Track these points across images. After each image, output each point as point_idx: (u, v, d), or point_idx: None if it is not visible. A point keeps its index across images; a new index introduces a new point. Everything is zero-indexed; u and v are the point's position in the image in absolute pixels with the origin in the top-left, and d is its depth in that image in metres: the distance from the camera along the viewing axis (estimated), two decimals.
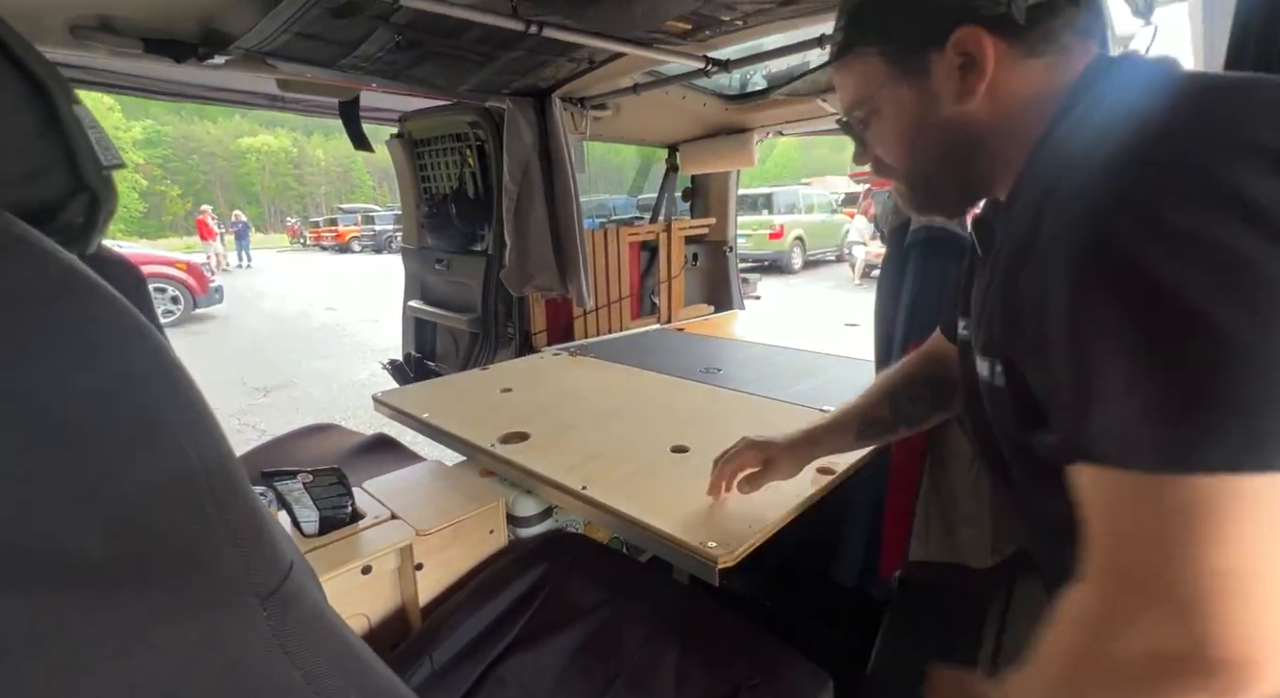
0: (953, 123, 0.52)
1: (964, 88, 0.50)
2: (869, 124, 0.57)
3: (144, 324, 0.24)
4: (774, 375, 1.60)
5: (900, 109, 0.54)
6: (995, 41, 0.48)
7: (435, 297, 2.60)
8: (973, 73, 0.49)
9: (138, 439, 0.23)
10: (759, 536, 0.83)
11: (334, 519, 0.95)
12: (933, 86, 0.51)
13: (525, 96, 1.70)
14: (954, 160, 0.54)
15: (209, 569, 0.24)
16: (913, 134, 0.54)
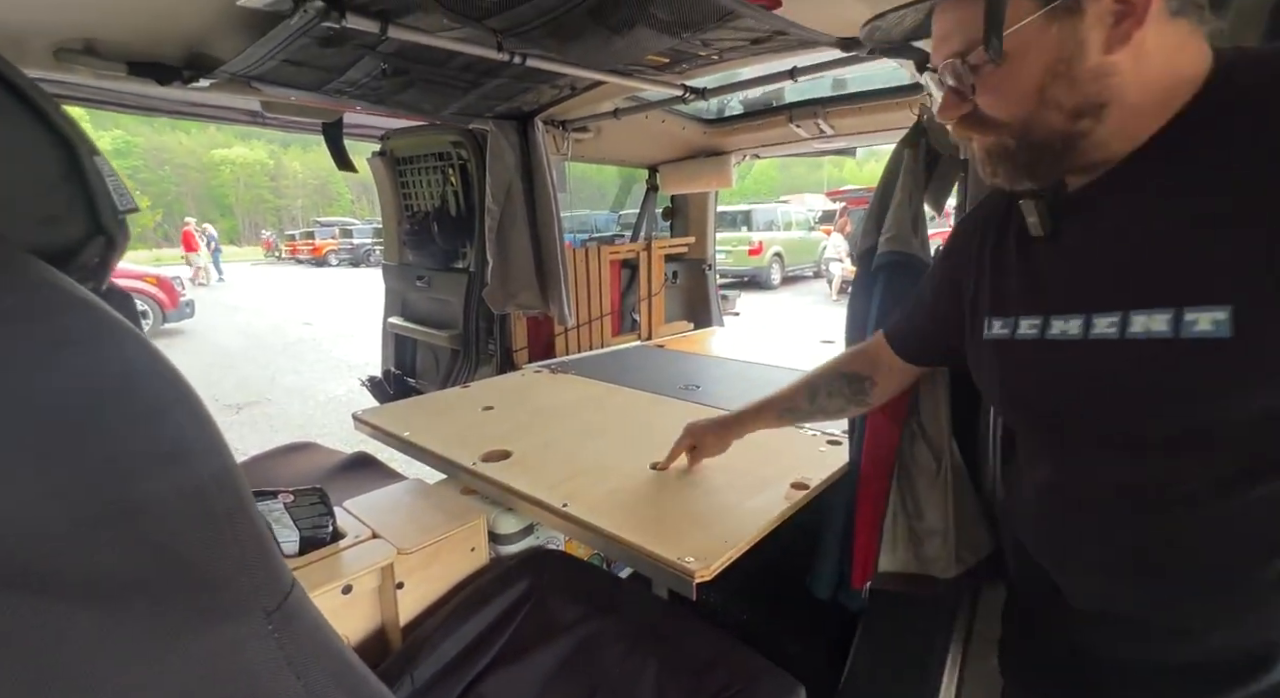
0: (1095, 73, 0.47)
1: (1115, 34, 0.46)
2: (983, 69, 0.51)
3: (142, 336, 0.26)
4: (751, 392, 1.64)
5: (1042, 52, 0.48)
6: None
7: (416, 313, 2.60)
8: (1128, 19, 0.45)
9: (150, 452, 0.24)
10: (734, 550, 0.86)
11: (314, 539, 0.95)
12: (1083, 30, 0.46)
13: (508, 119, 1.74)
14: (1084, 116, 0.49)
15: (222, 585, 0.26)
16: (1048, 82, 0.49)
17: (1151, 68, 0.47)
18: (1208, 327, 0.44)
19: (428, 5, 0.88)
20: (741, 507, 0.99)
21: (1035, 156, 0.53)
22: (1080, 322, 0.53)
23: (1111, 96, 0.48)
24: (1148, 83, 0.47)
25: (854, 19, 1.12)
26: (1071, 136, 0.50)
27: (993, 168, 0.56)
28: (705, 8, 0.93)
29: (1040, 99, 0.50)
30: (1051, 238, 0.56)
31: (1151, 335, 0.47)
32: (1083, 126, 0.50)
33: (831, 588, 1.18)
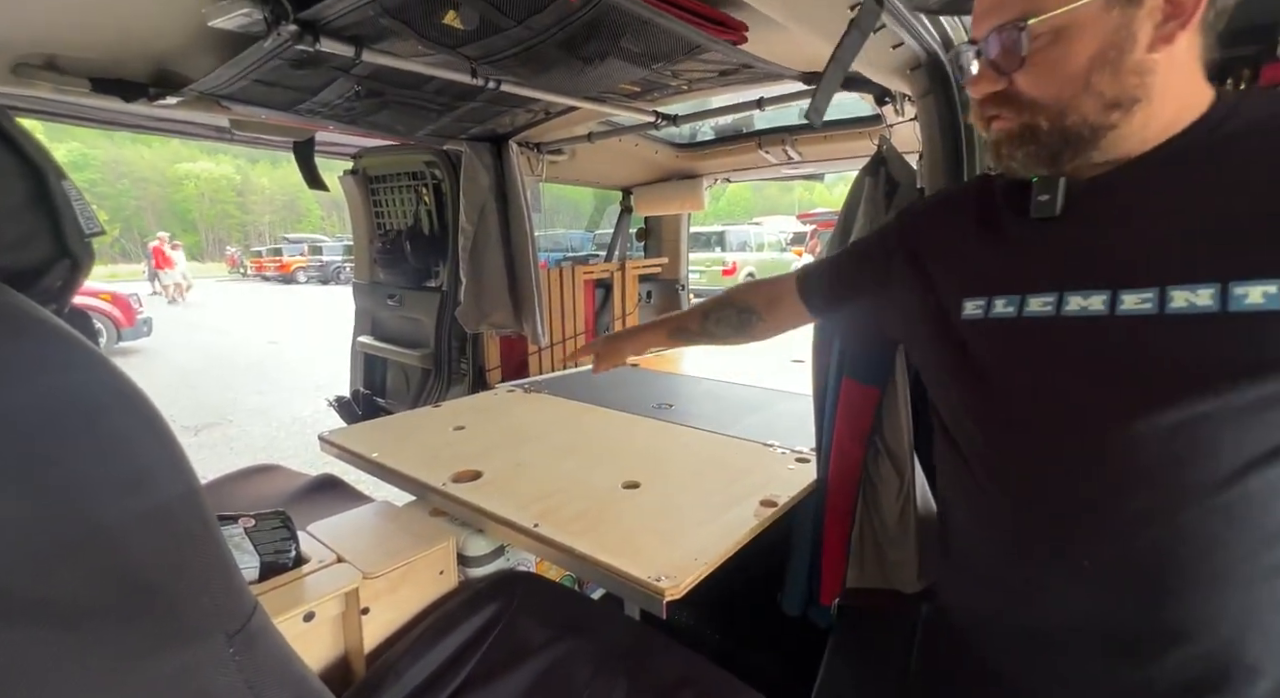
0: (1137, 68, 0.49)
1: (1161, 34, 0.48)
2: (1032, 45, 0.51)
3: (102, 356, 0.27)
4: (723, 411, 1.67)
5: (1097, 35, 0.49)
6: None
7: (386, 332, 2.57)
8: (1174, 20, 0.48)
9: (115, 477, 0.24)
10: (705, 567, 0.87)
11: (276, 565, 0.93)
12: (1136, 22, 0.49)
13: (483, 141, 1.76)
14: (1115, 108, 0.51)
15: (183, 608, 0.26)
16: (1097, 68, 0.50)
17: (1178, 75, 0.50)
18: (1259, 300, 0.45)
19: (402, 32, 0.90)
20: (712, 525, 1.00)
21: (1063, 142, 0.53)
22: (1105, 297, 0.52)
23: (1144, 94, 0.50)
24: (1172, 89, 0.50)
25: (814, 56, 1.18)
26: (1100, 128, 0.52)
27: (1011, 150, 0.56)
28: (674, 41, 0.97)
29: (1085, 83, 0.51)
30: (1061, 218, 0.56)
31: (1197, 310, 0.47)
32: (1113, 119, 0.51)
33: (802, 605, 1.19)
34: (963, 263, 0.65)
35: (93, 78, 1.13)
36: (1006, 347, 0.59)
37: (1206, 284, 0.47)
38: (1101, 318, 0.52)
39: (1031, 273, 0.58)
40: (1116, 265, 0.52)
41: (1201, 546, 0.50)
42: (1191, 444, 0.49)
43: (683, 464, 1.28)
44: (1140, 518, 0.52)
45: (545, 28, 0.90)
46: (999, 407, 0.61)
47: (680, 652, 0.94)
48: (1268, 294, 0.45)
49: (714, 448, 1.37)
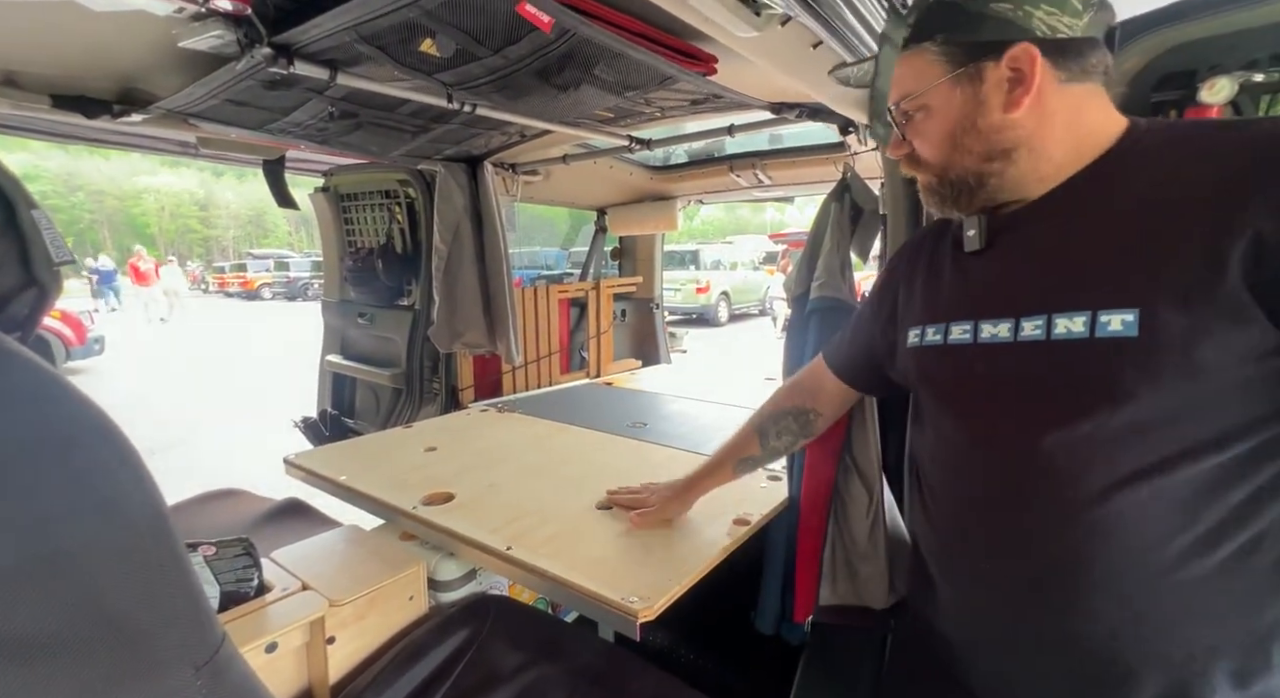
0: (998, 127, 0.57)
1: (1010, 99, 0.56)
2: (913, 118, 0.62)
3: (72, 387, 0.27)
4: (697, 430, 1.68)
5: (951, 108, 0.59)
6: (1044, 63, 0.55)
7: (356, 351, 2.52)
8: (1019, 87, 0.55)
9: (85, 505, 0.24)
10: (679, 587, 0.87)
11: (237, 595, 0.90)
12: (983, 92, 0.57)
13: (458, 162, 1.77)
14: (994, 160, 0.59)
15: (150, 639, 0.26)
16: (959, 132, 0.60)
17: (1056, 123, 0.57)
18: (1118, 327, 0.51)
19: (378, 58, 0.91)
20: (685, 544, 1.00)
21: (955, 191, 0.63)
22: (1010, 325, 0.58)
23: (1017, 144, 0.58)
24: (1054, 134, 0.57)
25: (782, 87, 1.23)
26: (983, 175, 0.60)
27: (927, 198, 0.67)
28: (647, 72, 1.00)
29: (954, 145, 0.60)
30: (984, 252, 0.63)
31: (1072, 336, 0.53)
32: (994, 168, 0.59)
33: (775, 624, 1.20)
34: (912, 296, 0.73)
35: (54, 94, 1.10)
36: (935, 370, 0.67)
37: (1081, 312, 0.53)
38: (1008, 344, 0.58)
39: (957, 303, 0.65)
40: (1022, 294, 0.58)
41: (1083, 560, 0.55)
42: (1070, 463, 0.54)
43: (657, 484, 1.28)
44: (1035, 532, 0.58)
45: (521, 57, 0.92)
46: (932, 425, 0.69)
47: (654, 674, 0.94)
48: (1125, 322, 0.50)
49: (687, 467, 1.37)
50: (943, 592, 0.70)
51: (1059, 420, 0.55)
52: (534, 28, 0.78)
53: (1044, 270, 0.57)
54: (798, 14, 0.75)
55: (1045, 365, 0.55)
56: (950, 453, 0.67)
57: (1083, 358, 0.53)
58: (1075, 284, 0.54)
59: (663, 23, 0.91)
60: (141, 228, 33.49)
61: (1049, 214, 0.59)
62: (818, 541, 1.17)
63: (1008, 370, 0.58)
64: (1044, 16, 0.54)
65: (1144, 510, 0.52)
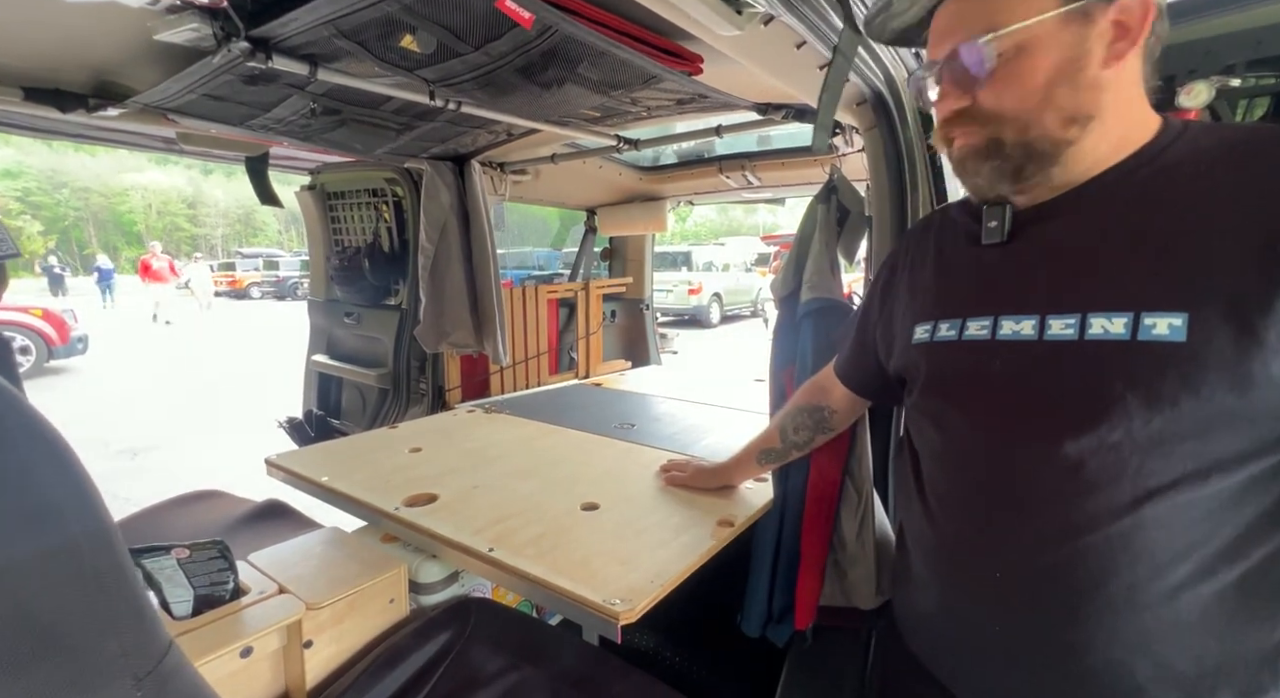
0: (1093, 83, 0.51)
1: (1113, 51, 0.51)
2: (996, 60, 0.53)
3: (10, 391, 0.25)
4: (684, 431, 1.68)
5: (1056, 50, 0.52)
6: (1155, 20, 0.50)
7: (342, 351, 2.50)
8: (1123, 39, 0.51)
9: (12, 512, 0.23)
10: (661, 590, 0.87)
11: (211, 598, 0.88)
12: (1090, 39, 0.51)
13: (444, 160, 1.76)
14: (1075, 124, 0.52)
15: (85, 652, 0.25)
16: (1056, 81, 0.52)
17: (1125, 95, 0.53)
18: (1164, 331, 0.47)
19: (358, 53, 0.90)
20: (670, 546, 1.00)
21: (1026, 156, 0.55)
22: (1034, 322, 0.54)
23: (1099, 110, 0.52)
24: (1121, 108, 0.53)
25: (768, 88, 1.23)
26: (1060, 142, 0.54)
27: (976, 165, 0.58)
28: (631, 71, 0.99)
29: (1046, 96, 0.53)
30: (1004, 245, 0.58)
31: (1110, 337, 0.49)
32: (1071, 134, 0.53)
33: (760, 626, 1.19)
34: (917, 291, 0.68)
35: (25, 87, 1.08)
36: (947, 367, 0.62)
37: (1122, 313, 0.49)
38: (1031, 342, 0.54)
39: (974, 298, 0.60)
40: (1049, 291, 0.54)
41: (1098, 570, 0.52)
42: (1098, 471, 0.51)
43: (642, 485, 1.28)
44: (1045, 539, 0.54)
45: (502, 54, 0.91)
46: (936, 424, 0.65)
47: (638, 677, 0.93)
48: (1172, 326, 0.47)
49: None
50: (936, 593, 0.67)
51: (1085, 426, 0.51)
52: (515, 24, 0.77)
53: (1077, 266, 0.53)
54: (780, 13, 0.75)
55: (1075, 366, 0.51)
56: (958, 452, 0.62)
57: (1120, 361, 0.49)
58: (1116, 283, 0.50)
59: (647, 21, 0.90)
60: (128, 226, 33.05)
61: (1083, 207, 0.54)
62: (825, 543, 1.14)
63: (1029, 370, 0.54)
64: None
65: (1168, 523, 0.49)
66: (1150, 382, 0.48)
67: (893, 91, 1.10)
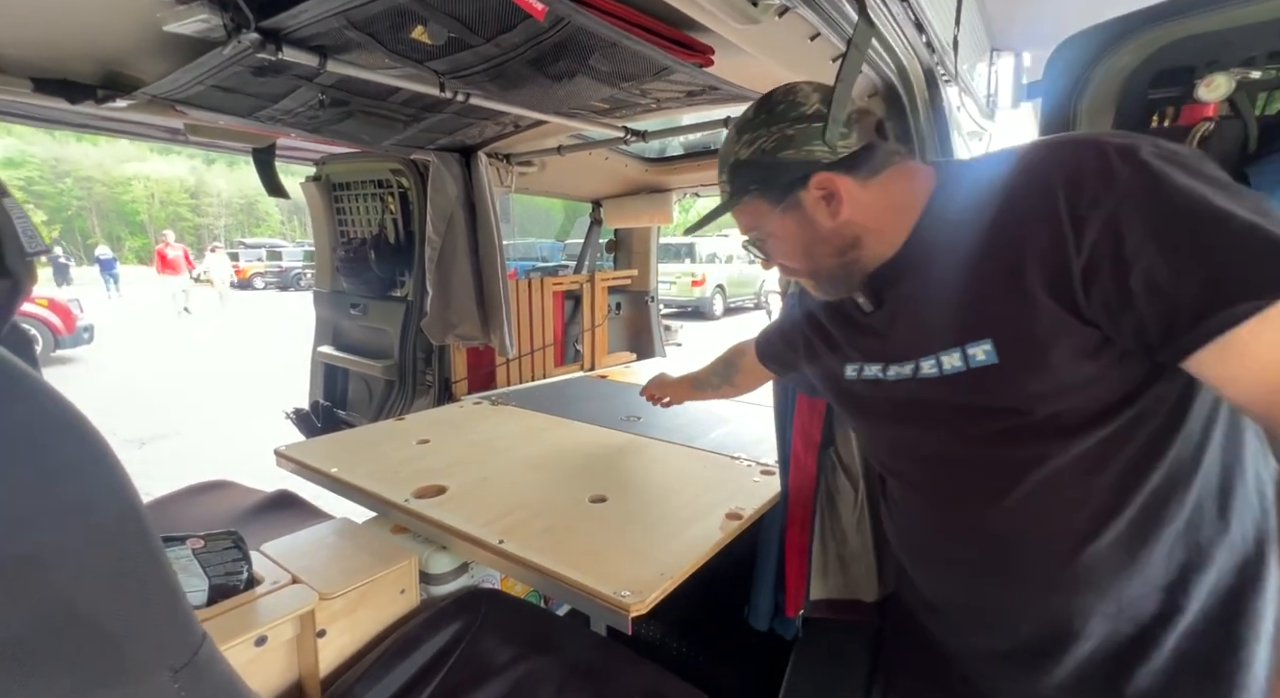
0: (836, 232, 0.68)
1: (831, 211, 0.67)
2: (768, 244, 0.74)
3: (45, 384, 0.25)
4: (691, 424, 1.68)
5: (790, 232, 0.71)
6: (842, 177, 0.66)
7: (348, 342, 2.50)
8: (834, 200, 0.66)
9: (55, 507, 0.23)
10: (671, 582, 0.87)
11: (226, 587, 0.89)
12: (808, 214, 0.68)
13: (451, 151, 1.75)
14: (845, 253, 0.70)
15: (125, 642, 0.25)
16: (806, 246, 0.71)
17: (877, 208, 0.67)
18: (983, 357, 0.60)
19: (369, 45, 0.89)
20: (678, 538, 1.00)
21: (831, 283, 0.74)
22: (912, 366, 0.68)
23: (858, 234, 0.68)
24: (881, 214, 0.68)
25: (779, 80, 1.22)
26: (847, 264, 0.70)
27: (816, 291, 0.78)
28: (642, 63, 0.99)
29: (807, 254, 0.72)
30: (876, 311, 0.73)
31: (955, 370, 0.63)
32: (851, 256, 0.70)
33: (768, 619, 1.20)
34: (832, 334, 0.82)
35: (34, 78, 1.08)
36: (868, 401, 0.76)
37: (954, 349, 0.62)
38: (910, 379, 0.68)
39: (868, 348, 0.74)
40: (913, 340, 0.68)
41: (1010, 540, 0.65)
42: (972, 466, 0.66)
43: (650, 477, 1.28)
44: (973, 522, 0.68)
45: (514, 46, 0.91)
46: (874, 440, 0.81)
47: (646, 667, 0.94)
48: (986, 351, 0.60)
49: (681, 461, 1.38)
50: (914, 579, 0.80)
51: (962, 435, 0.65)
52: (528, 16, 0.76)
53: (925, 320, 0.66)
54: (795, 5, 0.74)
55: (943, 394, 0.65)
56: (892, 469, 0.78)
57: (966, 385, 0.62)
58: (947, 326, 0.63)
59: (659, 12, 0.89)
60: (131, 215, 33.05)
61: (910, 268, 0.68)
62: (805, 534, 1.17)
63: (916, 399, 0.68)
64: (822, 147, 0.65)
65: (1051, 492, 0.61)
66: (988, 392, 0.62)
67: (904, 83, 1.09)
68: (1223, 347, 0.48)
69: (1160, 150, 0.52)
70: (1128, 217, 0.50)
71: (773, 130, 0.67)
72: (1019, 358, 0.58)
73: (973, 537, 0.68)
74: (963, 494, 0.68)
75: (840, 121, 0.66)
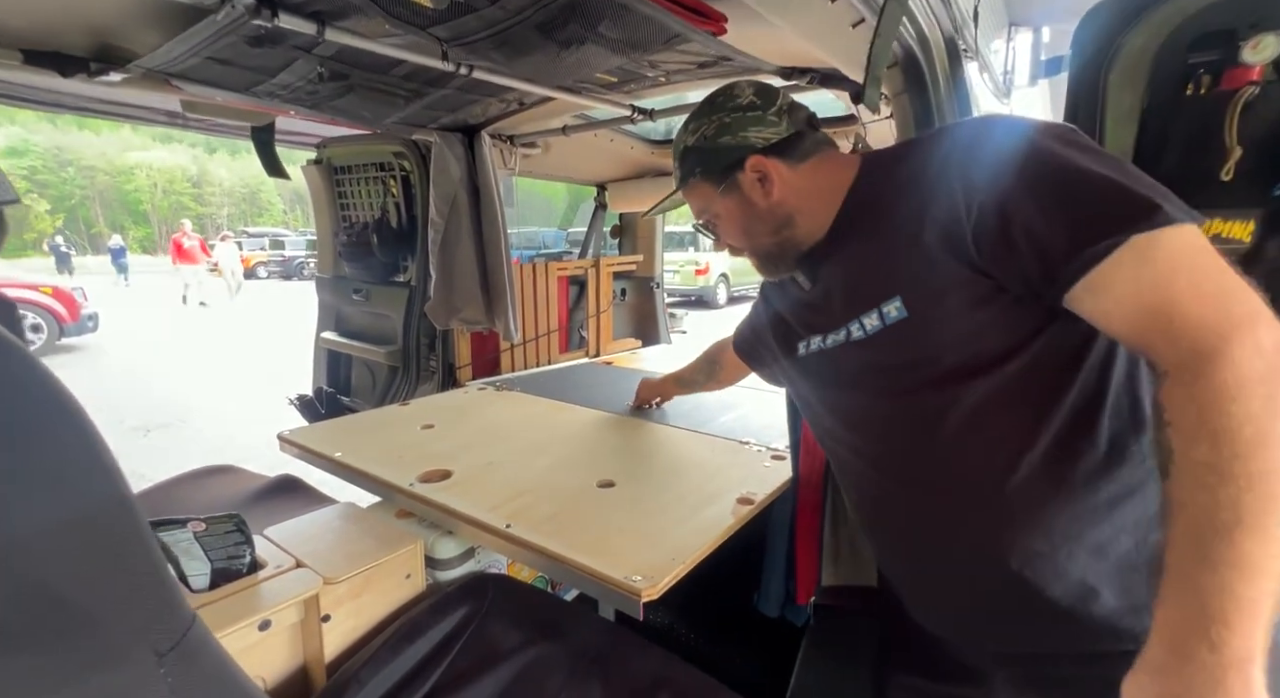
0: (770, 210, 0.75)
1: (765, 192, 0.74)
2: (716, 225, 0.82)
3: (30, 356, 0.23)
4: (697, 409, 1.66)
5: (730, 212, 0.78)
6: (774, 160, 0.73)
7: (351, 328, 2.48)
8: (768, 182, 0.74)
9: (26, 473, 0.22)
10: (682, 567, 0.85)
11: (229, 571, 0.87)
12: (745, 194, 0.75)
13: (454, 131, 1.71)
14: (781, 231, 0.76)
15: (106, 624, 0.23)
16: (745, 225, 0.78)
17: (806, 190, 0.74)
18: (895, 313, 0.66)
19: (368, 9, 0.86)
20: (688, 523, 0.98)
21: (769, 262, 0.81)
22: (845, 331, 0.73)
23: (790, 214, 0.75)
24: (810, 196, 0.74)
25: (794, 51, 1.18)
26: (781, 242, 0.77)
27: (758, 270, 0.84)
28: (653, 29, 0.95)
29: (748, 233, 0.79)
30: (814, 287, 0.78)
31: (875, 328, 0.69)
32: (785, 235, 0.76)
33: (779, 606, 1.19)
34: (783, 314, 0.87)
35: (24, 49, 1.04)
36: (815, 374, 0.82)
37: (872, 311, 0.68)
38: (844, 344, 0.74)
39: (811, 322, 0.80)
40: (842, 309, 0.73)
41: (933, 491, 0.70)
42: (900, 420, 0.70)
43: (659, 462, 1.26)
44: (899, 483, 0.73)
45: (520, 9, 0.87)
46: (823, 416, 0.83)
47: (655, 652, 0.93)
48: (897, 308, 0.66)
49: (690, 446, 1.36)
50: (882, 560, 0.86)
51: (889, 392, 0.70)
52: None
53: (850, 288, 0.72)
54: None
55: (869, 355, 0.71)
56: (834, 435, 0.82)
57: (886, 341, 0.68)
58: (866, 292, 0.69)
59: None
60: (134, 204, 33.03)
61: (837, 246, 0.74)
62: (817, 519, 1.16)
63: (850, 363, 0.74)
64: (756, 134, 0.74)
65: (967, 430, 0.65)
66: (905, 344, 0.67)
67: (925, 53, 1.05)
68: (1091, 282, 0.53)
69: (1039, 126, 0.60)
70: (1008, 179, 0.57)
71: (713, 119, 0.75)
72: (924, 309, 0.64)
73: (911, 494, 0.72)
74: (895, 450, 0.72)
75: (879, 82, 0.72)
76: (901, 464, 0.72)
